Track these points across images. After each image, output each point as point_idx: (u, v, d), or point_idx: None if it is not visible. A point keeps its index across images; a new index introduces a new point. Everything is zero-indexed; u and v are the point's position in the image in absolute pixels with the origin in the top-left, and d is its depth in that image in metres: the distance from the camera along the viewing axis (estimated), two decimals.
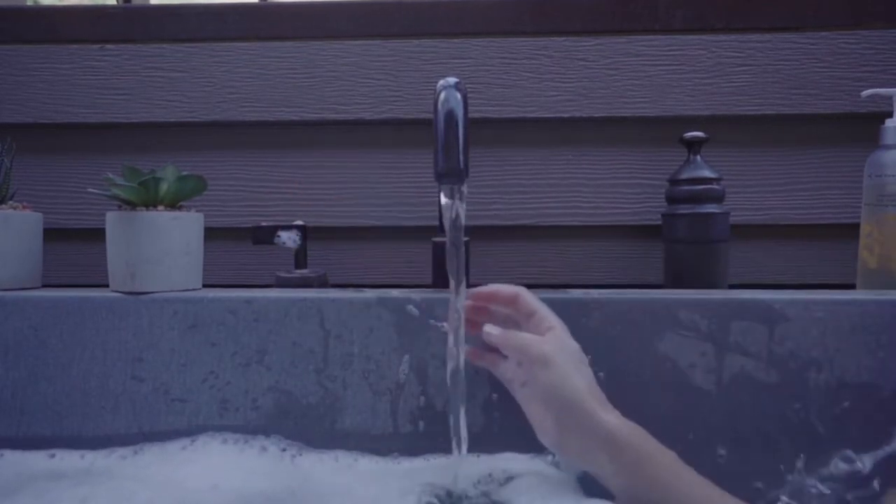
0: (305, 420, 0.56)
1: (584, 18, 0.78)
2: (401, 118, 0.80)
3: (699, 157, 0.71)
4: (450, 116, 0.46)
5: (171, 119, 0.81)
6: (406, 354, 0.56)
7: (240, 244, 0.83)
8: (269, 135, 0.82)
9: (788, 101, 0.77)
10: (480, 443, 0.53)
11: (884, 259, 0.63)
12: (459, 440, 0.50)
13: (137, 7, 0.82)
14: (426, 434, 0.55)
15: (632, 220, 0.80)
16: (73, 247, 0.83)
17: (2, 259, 0.61)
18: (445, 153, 0.46)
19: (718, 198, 0.69)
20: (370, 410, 0.56)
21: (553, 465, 0.52)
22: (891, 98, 0.66)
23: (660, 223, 0.75)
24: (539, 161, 0.81)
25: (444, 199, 0.49)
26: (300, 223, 0.69)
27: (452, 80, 0.47)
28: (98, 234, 0.83)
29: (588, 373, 0.46)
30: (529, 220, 0.81)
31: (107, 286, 0.61)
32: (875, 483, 0.51)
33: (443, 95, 0.46)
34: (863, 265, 0.66)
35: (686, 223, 0.69)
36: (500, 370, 0.50)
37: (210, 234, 0.83)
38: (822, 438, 0.53)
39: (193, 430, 0.56)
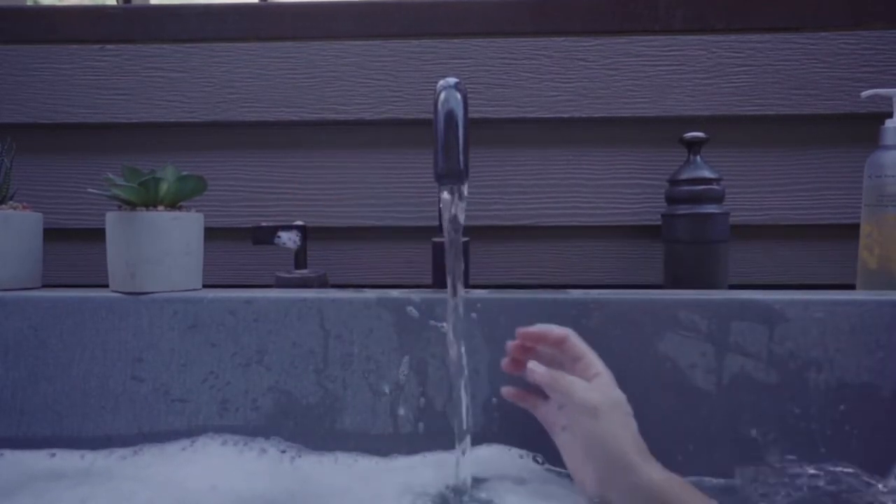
0: (305, 420, 0.56)
1: (584, 18, 0.78)
2: (401, 118, 0.80)
3: (699, 158, 0.71)
4: (450, 117, 0.46)
5: (171, 119, 0.81)
6: (406, 355, 0.56)
7: (240, 244, 0.83)
8: (270, 135, 0.82)
9: (788, 102, 0.77)
10: (480, 444, 0.53)
11: (883, 259, 0.63)
12: (461, 439, 0.50)
13: (137, 7, 0.82)
14: (426, 434, 0.55)
15: (631, 221, 0.80)
16: (73, 247, 0.83)
17: (2, 259, 0.61)
18: (445, 153, 0.46)
19: (718, 198, 0.69)
20: (370, 411, 0.56)
21: (551, 467, 0.52)
22: (891, 98, 0.66)
23: (659, 223, 0.75)
24: (539, 161, 0.81)
25: (444, 200, 0.49)
26: (300, 223, 0.69)
27: (452, 81, 0.47)
28: (98, 234, 0.84)
29: (633, 425, 0.45)
30: (529, 221, 0.81)
31: (107, 286, 0.61)
32: (875, 483, 0.51)
33: (443, 96, 0.46)
34: (863, 266, 0.66)
35: (686, 223, 0.69)
36: (541, 411, 0.49)
37: (210, 234, 0.83)
38: (822, 438, 0.53)
39: (193, 431, 0.56)
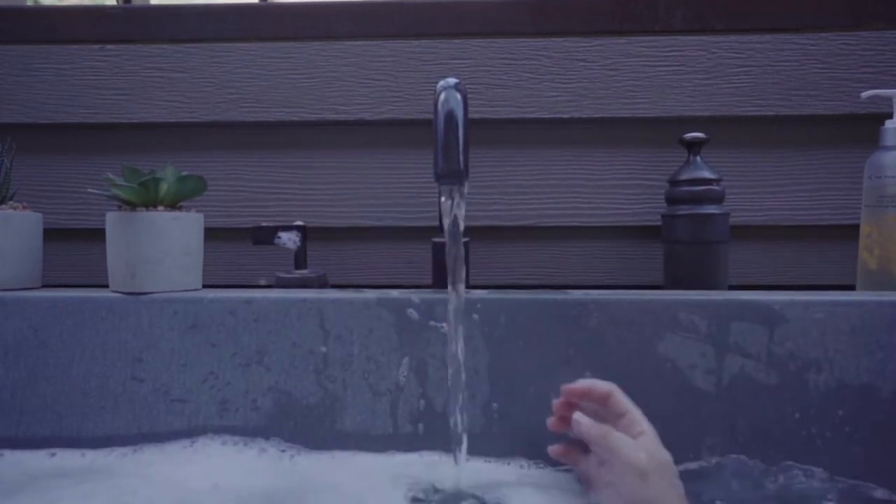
0: (305, 421, 0.56)
1: (584, 18, 0.78)
2: (401, 118, 0.80)
3: (699, 158, 0.71)
4: (450, 117, 0.46)
5: (171, 119, 0.81)
6: (406, 355, 0.56)
7: (240, 244, 0.83)
8: (270, 135, 0.82)
9: (788, 102, 0.77)
10: (480, 444, 0.53)
11: (883, 260, 0.63)
12: (461, 440, 0.50)
13: (137, 7, 0.82)
14: (426, 435, 0.55)
15: (631, 221, 0.80)
16: (73, 247, 0.83)
17: (2, 259, 0.61)
18: (445, 154, 0.46)
19: (718, 199, 0.69)
20: (370, 411, 0.56)
21: (551, 468, 0.52)
22: (891, 99, 0.66)
23: (659, 224, 0.75)
24: (539, 161, 0.81)
25: (444, 200, 0.49)
26: (300, 223, 0.69)
27: (452, 81, 0.47)
28: (98, 234, 0.84)
29: (680, 488, 0.44)
30: (529, 221, 0.81)
31: (107, 286, 0.61)
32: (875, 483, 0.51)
33: (443, 96, 0.46)
34: (862, 266, 0.66)
35: (686, 224, 0.69)
36: (581, 465, 0.49)
37: (210, 234, 0.83)
38: (822, 439, 0.53)
39: (193, 431, 0.56)
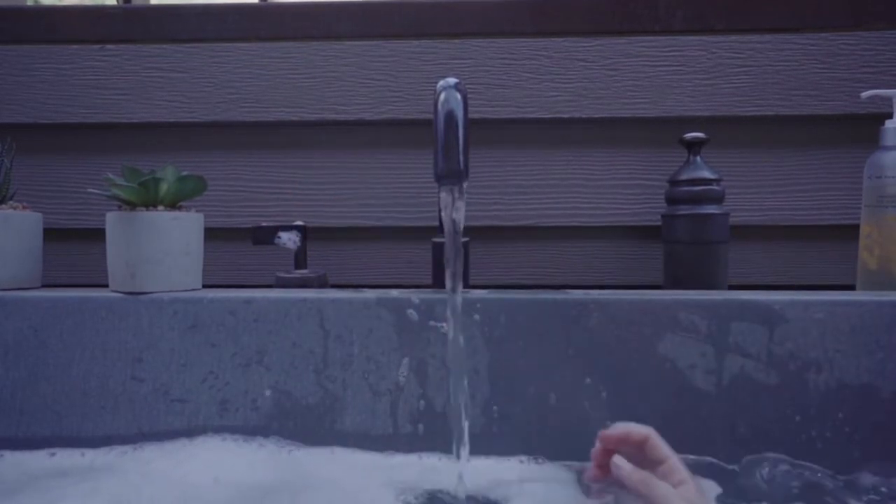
0: (305, 420, 0.56)
1: (584, 18, 0.78)
2: (401, 118, 0.80)
3: (699, 158, 0.71)
4: (450, 117, 0.46)
5: (171, 119, 0.81)
6: (406, 355, 0.56)
7: (240, 244, 0.83)
8: (270, 135, 0.82)
9: (788, 102, 0.77)
10: (480, 443, 0.53)
11: (883, 260, 0.63)
12: (461, 439, 0.50)
13: (137, 7, 0.82)
14: (426, 435, 0.55)
15: (631, 221, 0.80)
16: (73, 247, 0.83)
17: (2, 259, 0.61)
18: (445, 154, 0.46)
19: (718, 199, 0.69)
20: (370, 411, 0.56)
21: (551, 467, 0.52)
22: (890, 99, 0.66)
23: (659, 224, 0.75)
24: (539, 161, 0.81)
25: (444, 200, 0.49)
26: (300, 223, 0.69)
27: (452, 81, 0.47)
28: (98, 234, 0.84)
29: None
30: (529, 221, 0.81)
31: (107, 286, 0.61)
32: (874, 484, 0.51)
33: (443, 96, 0.46)
34: (862, 266, 0.66)
35: (686, 224, 0.69)
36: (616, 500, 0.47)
37: (210, 234, 0.83)
38: (822, 439, 0.53)
39: (193, 431, 0.56)
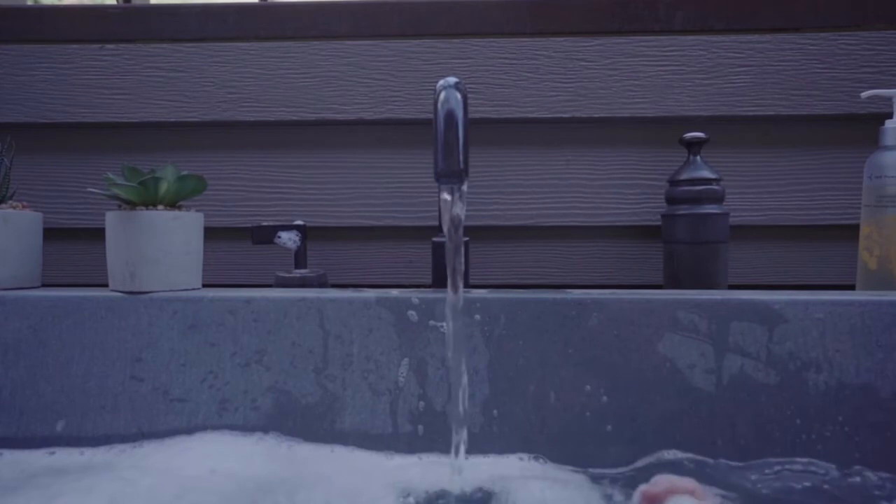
0: (304, 420, 0.56)
1: (584, 18, 0.78)
2: (401, 118, 0.80)
3: (699, 158, 0.71)
4: (450, 116, 0.46)
5: (171, 119, 0.81)
6: (406, 355, 0.56)
7: (240, 244, 0.83)
8: (269, 135, 0.82)
9: (788, 102, 0.77)
10: (480, 442, 0.53)
11: (883, 260, 0.63)
12: (460, 439, 0.50)
13: (137, 7, 0.82)
14: (426, 435, 0.55)
15: (631, 221, 0.80)
16: (73, 247, 0.83)
17: (1, 258, 0.61)
18: (445, 153, 0.46)
19: (718, 198, 0.69)
20: (369, 411, 0.56)
21: (552, 465, 0.52)
22: (890, 99, 0.66)
23: (659, 224, 0.75)
24: (539, 161, 0.81)
25: (444, 199, 0.49)
26: (300, 223, 0.69)
27: (452, 80, 0.47)
28: (98, 234, 0.84)
29: None
30: (529, 221, 0.81)
31: (106, 286, 0.61)
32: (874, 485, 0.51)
33: (443, 95, 0.46)
34: (862, 266, 0.66)
35: (686, 224, 0.69)
36: None
37: (210, 234, 0.84)
38: (821, 439, 0.53)
39: (192, 430, 0.56)
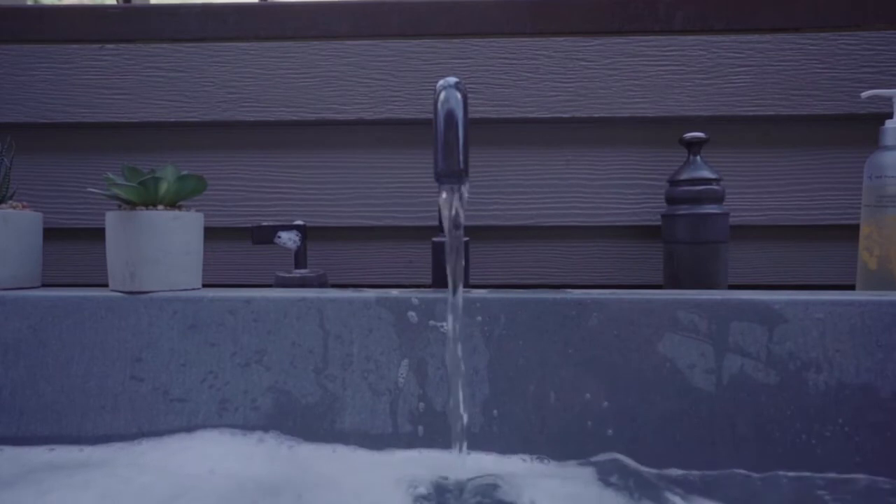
0: (304, 420, 0.56)
1: (584, 18, 0.78)
2: (401, 118, 0.80)
3: (699, 158, 0.71)
4: (450, 116, 0.46)
5: (171, 119, 0.81)
6: (405, 355, 0.56)
7: (240, 244, 0.83)
8: (269, 135, 0.82)
9: (788, 102, 0.77)
10: (480, 442, 0.53)
11: (883, 260, 0.63)
12: (460, 439, 0.50)
13: (137, 7, 0.82)
14: (426, 435, 0.55)
15: (631, 221, 0.80)
16: (73, 247, 0.83)
17: (1, 258, 0.61)
18: (445, 153, 0.46)
19: (718, 198, 0.69)
20: (369, 411, 0.56)
21: (552, 463, 0.52)
22: (890, 99, 0.66)
23: (659, 224, 0.75)
24: (538, 161, 0.81)
25: (444, 199, 0.49)
26: (300, 223, 0.69)
27: (452, 80, 0.47)
28: (98, 234, 0.84)
29: None
30: (529, 221, 0.81)
31: (106, 286, 0.61)
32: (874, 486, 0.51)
33: (443, 95, 0.47)
34: (862, 266, 0.66)
35: (686, 224, 0.69)
36: None
37: (210, 234, 0.84)
38: (821, 439, 0.53)
39: (192, 430, 0.56)
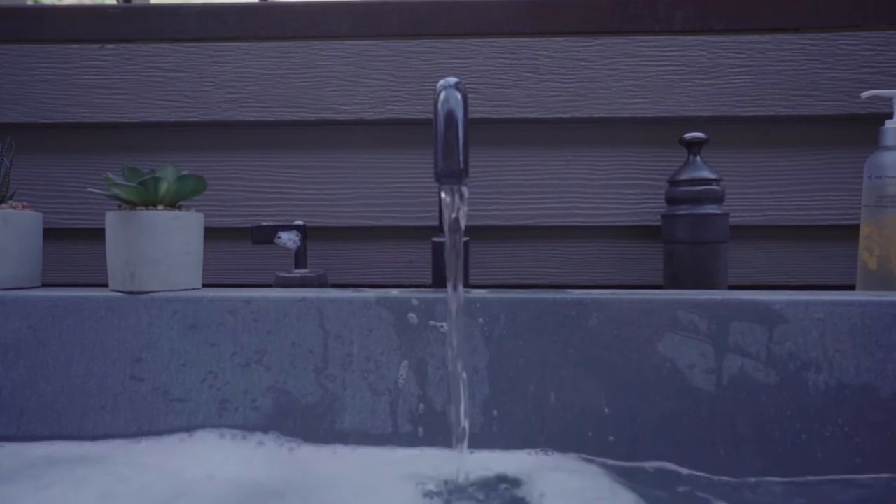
0: (304, 420, 0.56)
1: (584, 18, 0.78)
2: (401, 118, 0.80)
3: (699, 158, 0.71)
4: (450, 116, 0.46)
5: (171, 119, 0.81)
6: (405, 355, 0.56)
7: (240, 244, 0.83)
8: (269, 135, 0.82)
9: (788, 103, 0.77)
10: (479, 442, 0.53)
11: (883, 260, 0.63)
12: (460, 439, 0.50)
13: (137, 7, 0.82)
14: (426, 434, 0.55)
15: (631, 221, 0.80)
16: (73, 247, 0.83)
17: (1, 259, 0.61)
18: (445, 153, 0.46)
19: (718, 199, 0.69)
20: (369, 411, 0.56)
21: (552, 460, 0.52)
22: (891, 99, 0.66)
23: (659, 224, 0.75)
24: (538, 161, 0.81)
25: (444, 199, 0.49)
26: (300, 223, 0.69)
27: (452, 80, 0.47)
28: (98, 234, 0.84)
29: None
30: (529, 221, 0.81)
31: (106, 286, 0.61)
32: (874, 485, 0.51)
33: (443, 95, 0.47)
34: (862, 266, 0.66)
35: (686, 224, 0.69)
36: None
37: (210, 234, 0.84)
38: (821, 439, 0.53)
39: (192, 430, 0.56)
